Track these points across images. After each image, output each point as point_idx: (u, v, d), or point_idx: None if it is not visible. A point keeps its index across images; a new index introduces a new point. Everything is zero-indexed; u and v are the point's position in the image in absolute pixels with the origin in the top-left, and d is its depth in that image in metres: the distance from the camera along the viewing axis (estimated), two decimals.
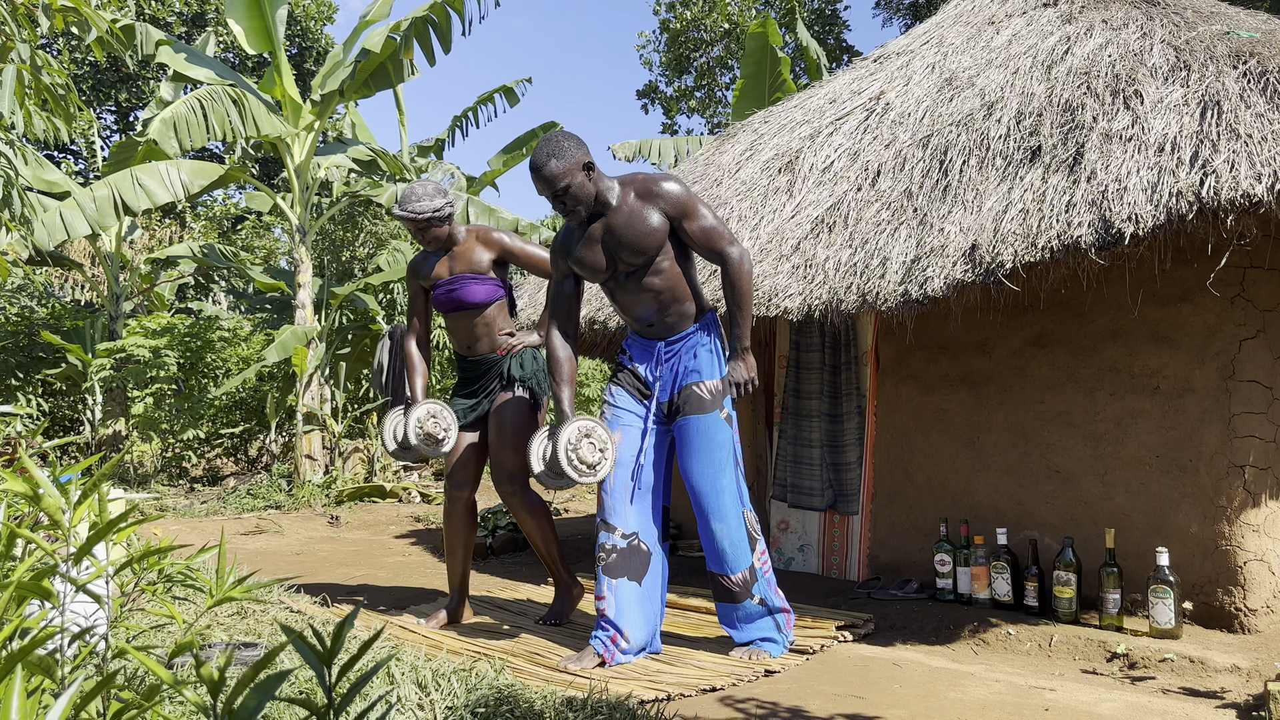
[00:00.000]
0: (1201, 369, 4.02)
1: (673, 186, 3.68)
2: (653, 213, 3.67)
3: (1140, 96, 4.02)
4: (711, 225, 3.71)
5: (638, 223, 3.67)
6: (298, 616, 4.38)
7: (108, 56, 17.97)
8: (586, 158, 3.62)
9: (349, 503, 9.05)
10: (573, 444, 3.69)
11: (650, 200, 3.67)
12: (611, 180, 3.75)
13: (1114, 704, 3.26)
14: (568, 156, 3.57)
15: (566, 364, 3.88)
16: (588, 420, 3.76)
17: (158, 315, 11.25)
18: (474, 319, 4.36)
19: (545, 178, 3.58)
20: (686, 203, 3.68)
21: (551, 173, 3.57)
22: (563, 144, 3.60)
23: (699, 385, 3.80)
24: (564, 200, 3.62)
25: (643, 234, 3.66)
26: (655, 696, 3.29)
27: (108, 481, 2.58)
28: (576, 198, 3.62)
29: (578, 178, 3.60)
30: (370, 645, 1.21)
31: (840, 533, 5.30)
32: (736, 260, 3.71)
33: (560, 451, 3.66)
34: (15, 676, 1.16)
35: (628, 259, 3.72)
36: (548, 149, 3.59)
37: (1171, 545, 4.00)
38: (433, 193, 4.24)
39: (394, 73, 9.71)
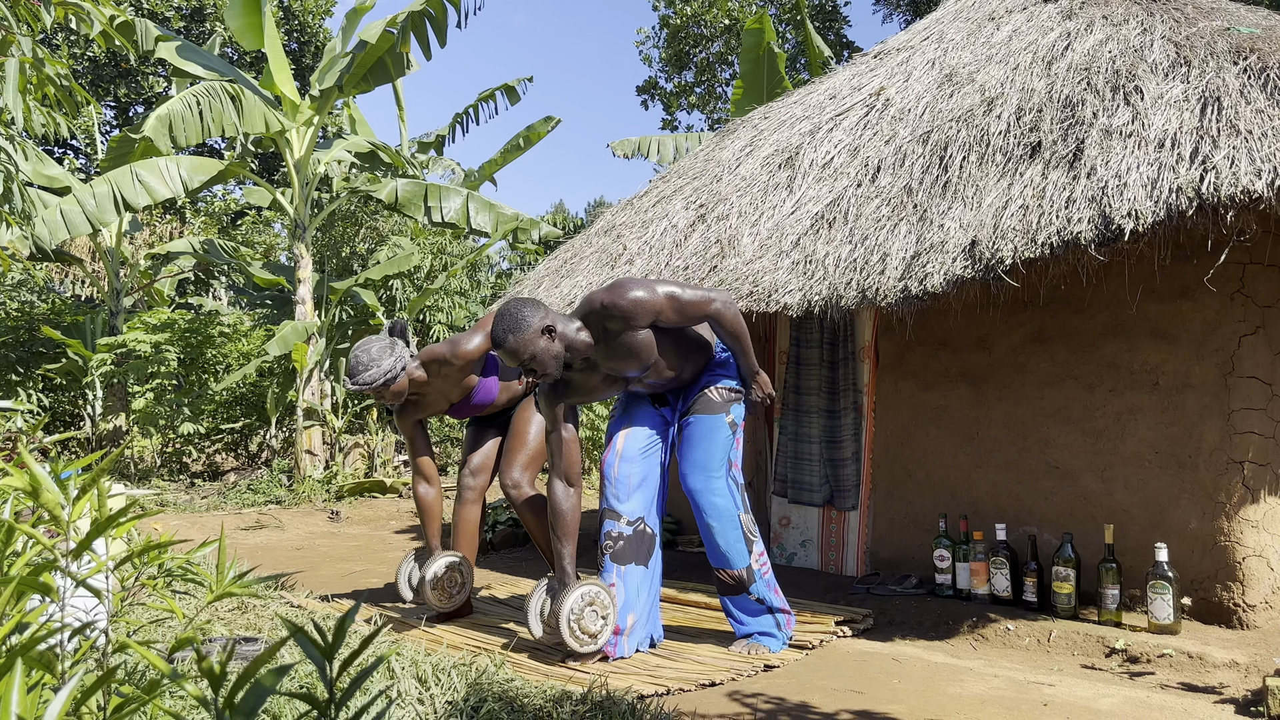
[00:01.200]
0: (1201, 365, 4.03)
1: (634, 298, 3.53)
2: (633, 334, 3.60)
3: (1140, 92, 4.01)
4: (685, 301, 3.61)
5: (625, 347, 3.62)
6: (298, 611, 4.38)
7: (107, 52, 17.96)
8: (544, 322, 3.50)
9: (349, 498, 9.06)
10: (576, 613, 3.65)
11: (625, 323, 3.57)
12: (575, 324, 3.62)
13: (1112, 699, 3.26)
14: (524, 328, 3.47)
15: (569, 516, 3.82)
16: (591, 585, 3.69)
17: (158, 310, 11.25)
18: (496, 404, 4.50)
19: (508, 352, 3.50)
20: (654, 304, 3.57)
21: (512, 348, 3.48)
22: (518, 316, 3.48)
23: (713, 389, 3.86)
24: (533, 368, 3.55)
25: (634, 352, 3.64)
26: (655, 691, 3.30)
27: (108, 477, 2.59)
28: (544, 363, 3.53)
29: (539, 344, 3.50)
30: (371, 640, 1.21)
31: (837, 528, 5.31)
32: (720, 313, 3.67)
33: (563, 621, 3.62)
34: (15, 671, 1.17)
35: (632, 371, 3.74)
36: (504, 325, 3.49)
37: (1170, 541, 4.00)
38: (377, 355, 4.06)
39: (392, 67, 9.70)
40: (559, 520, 3.80)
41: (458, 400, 4.39)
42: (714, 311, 3.66)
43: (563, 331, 3.57)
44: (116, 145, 9.86)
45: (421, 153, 13.54)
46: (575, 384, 3.78)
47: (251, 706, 1.09)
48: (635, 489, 3.85)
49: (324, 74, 10.28)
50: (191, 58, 9.77)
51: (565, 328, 3.58)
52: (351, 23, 10.34)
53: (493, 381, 4.39)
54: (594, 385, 3.78)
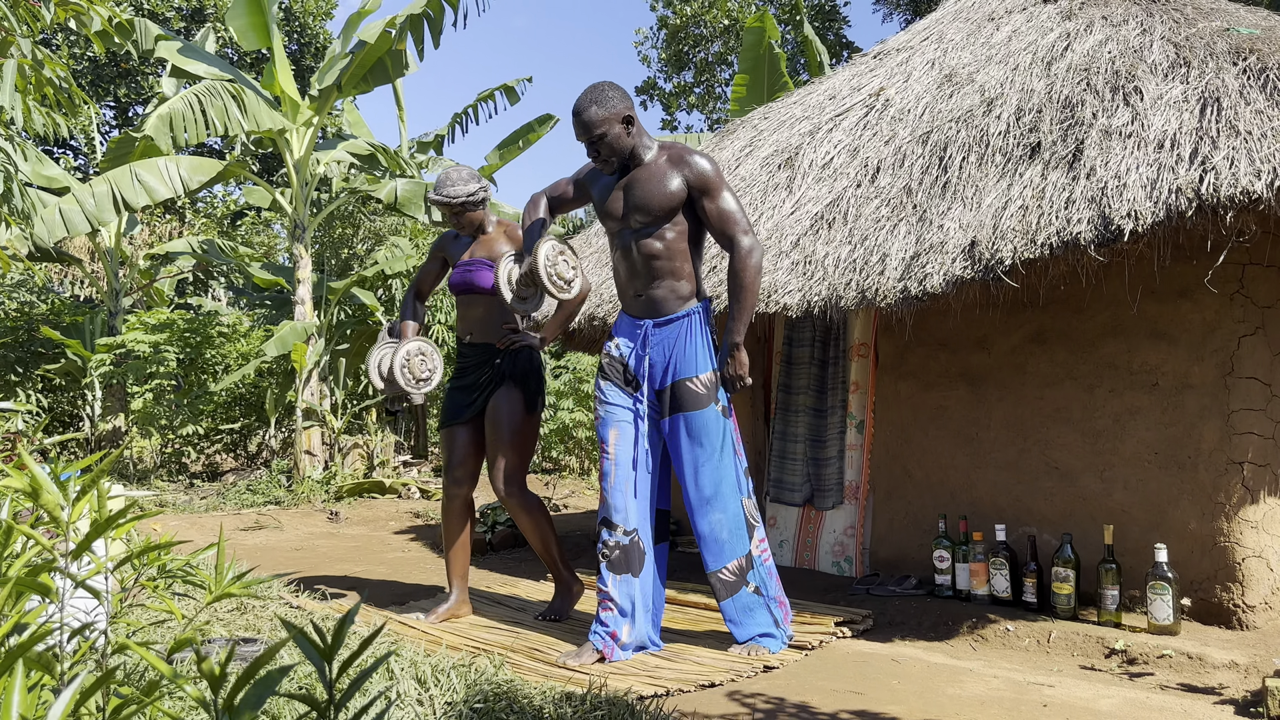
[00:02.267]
0: (1200, 365, 4.03)
1: (704, 161, 3.72)
2: (675, 177, 3.71)
3: (1140, 93, 4.01)
4: (730, 209, 3.72)
5: (658, 181, 3.72)
6: (297, 612, 4.38)
7: (107, 52, 17.95)
8: (629, 111, 3.68)
9: (348, 498, 9.06)
10: (550, 260, 3.87)
11: (679, 166, 3.72)
12: (652, 140, 3.82)
13: (1112, 700, 3.26)
14: (609, 106, 3.64)
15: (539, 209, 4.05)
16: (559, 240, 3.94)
17: (157, 311, 11.25)
18: (480, 305, 4.38)
19: (584, 123, 3.64)
20: (712, 179, 3.71)
21: (590, 119, 3.63)
22: (607, 93, 3.66)
23: (692, 381, 3.78)
24: (598, 148, 3.69)
25: (658, 193, 3.71)
26: (654, 692, 3.30)
27: (107, 477, 2.59)
28: (611, 147, 3.69)
29: (615, 129, 3.65)
30: (371, 641, 1.21)
31: (814, 527, 5.32)
32: (745, 249, 3.70)
33: (541, 267, 3.82)
34: (15, 672, 1.16)
35: (639, 216, 3.75)
36: (591, 95, 3.65)
37: (1170, 542, 4.00)
38: (467, 178, 4.35)
39: (391, 67, 9.71)
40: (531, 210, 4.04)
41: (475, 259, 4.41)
42: (742, 242, 3.72)
43: (636, 132, 3.74)
44: (116, 145, 9.85)
45: (421, 153, 13.54)
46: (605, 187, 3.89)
47: (251, 707, 1.09)
48: (632, 497, 3.83)
49: (324, 74, 10.28)
50: (192, 57, 9.77)
51: (641, 130, 3.77)
52: (352, 25, 10.34)
53: None
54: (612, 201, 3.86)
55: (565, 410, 10.69)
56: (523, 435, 4.32)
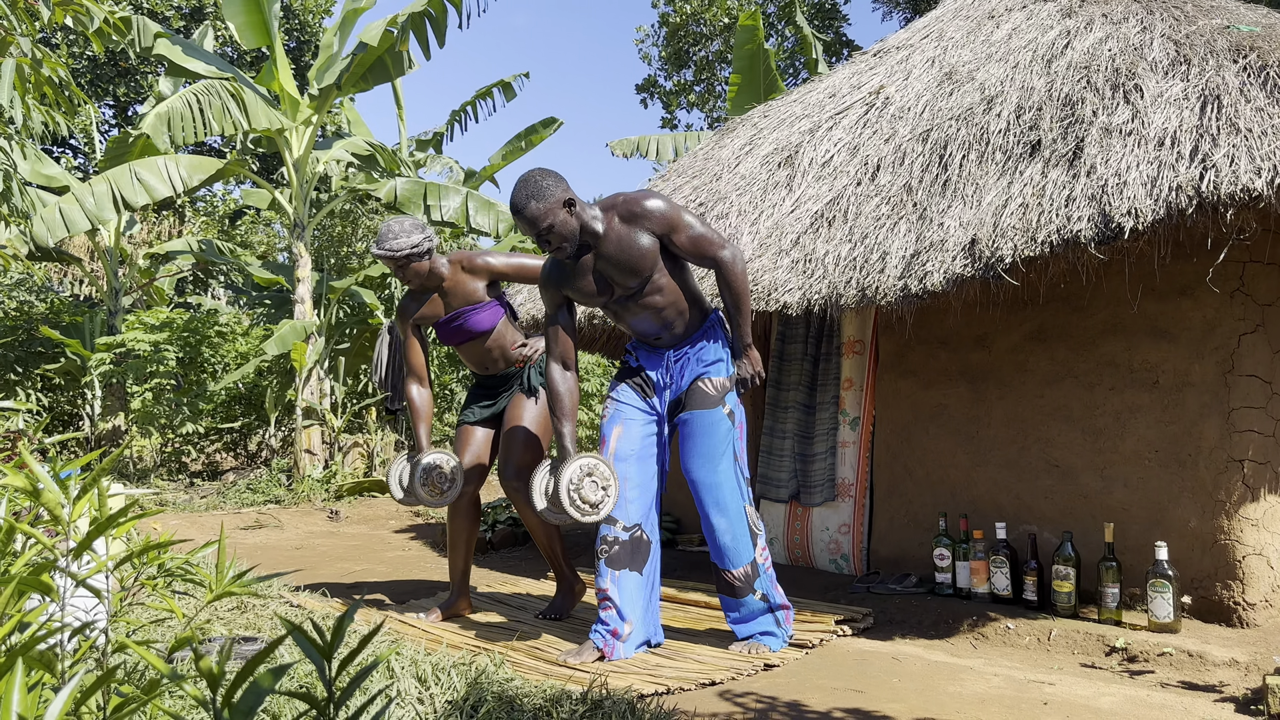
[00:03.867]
0: (1201, 364, 4.02)
1: (655, 204, 3.62)
2: (641, 234, 3.63)
3: (1140, 91, 4.01)
4: (700, 233, 3.66)
5: (628, 247, 3.63)
6: (298, 611, 4.38)
7: (106, 51, 17.94)
8: (567, 194, 3.54)
9: (348, 497, 9.06)
10: (575, 483, 3.67)
11: (636, 222, 3.62)
12: (594, 208, 3.67)
13: (1113, 698, 3.26)
14: (547, 196, 3.50)
15: (567, 398, 3.84)
16: (590, 457, 3.72)
17: (157, 310, 11.25)
18: (484, 343, 4.39)
19: (527, 219, 3.52)
20: (671, 217, 3.63)
21: (533, 214, 3.50)
22: (542, 184, 3.52)
23: (704, 381, 3.82)
24: (548, 239, 3.57)
25: (635, 257, 3.64)
26: (655, 690, 3.30)
27: (107, 476, 2.58)
28: (561, 235, 3.56)
29: (559, 215, 3.53)
30: (370, 639, 1.21)
31: (802, 524, 5.31)
32: (729, 262, 3.68)
33: (562, 491, 3.65)
34: (16, 671, 1.16)
35: (623, 282, 3.71)
36: (526, 190, 3.52)
37: (1170, 540, 4.00)
38: (410, 229, 4.16)
39: (392, 66, 9.70)
40: (557, 401, 3.83)
41: (458, 308, 4.32)
42: (722, 257, 3.68)
43: (580, 211, 3.61)
44: (115, 144, 9.85)
45: (420, 151, 13.54)
46: (572, 275, 3.76)
47: (250, 706, 1.09)
48: (633, 494, 3.83)
49: (322, 72, 10.27)
50: (191, 55, 9.77)
51: (583, 207, 3.63)
52: (349, 21, 10.33)
53: (494, 312, 4.33)
54: (586, 285, 3.75)
55: None
56: (535, 437, 4.37)
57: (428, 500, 4.33)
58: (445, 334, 4.39)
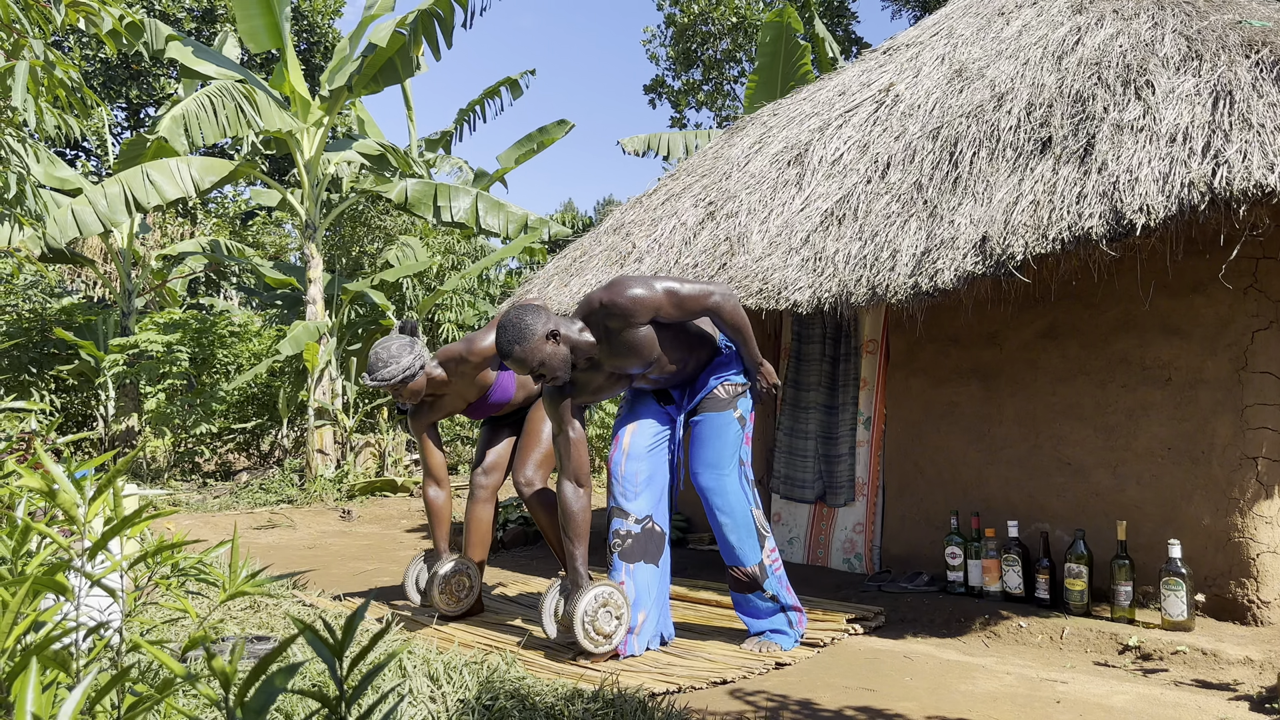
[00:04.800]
0: (1214, 360, 4.00)
1: (634, 295, 3.54)
2: (637, 328, 3.61)
3: (1152, 87, 3.99)
4: (683, 295, 3.62)
5: (627, 344, 3.63)
6: (310, 610, 4.40)
7: (118, 54, 18.03)
8: (548, 327, 3.51)
9: (360, 497, 9.09)
10: (589, 615, 3.66)
11: (626, 321, 3.58)
12: (577, 325, 3.63)
13: (1126, 696, 3.25)
14: (529, 337, 3.48)
15: (580, 517, 3.82)
16: (605, 586, 3.70)
17: (169, 311, 11.30)
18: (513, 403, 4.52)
19: (516, 362, 3.52)
20: (653, 300, 3.57)
21: (519, 357, 3.50)
22: (521, 324, 3.49)
23: (720, 386, 3.86)
24: (542, 374, 3.57)
25: (636, 349, 3.65)
26: (667, 689, 3.30)
27: (121, 477, 2.60)
28: (553, 367, 3.55)
29: (546, 350, 3.51)
30: (380, 637, 1.22)
31: (826, 524, 5.31)
32: (720, 306, 3.67)
33: (577, 623, 3.64)
34: (31, 670, 1.17)
35: (636, 368, 3.74)
36: (508, 335, 3.50)
37: (1184, 537, 3.98)
38: (397, 353, 4.11)
39: (402, 68, 9.72)
40: (570, 521, 3.80)
41: (474, 399, 4.40)
42: (713, 305, 3.66)
43: (566, 334, 3.58)
44: (129, 147, 9.90)
45: (430, 151, 13.56)
46: (580, 383, 3.78)
47: (262, 705, 1.09)
48: (643, 487, 3.85)
49: (333, 74, 10.30)
50: (202, 58, 9.81)
51: (568, 330, 3.59)
52: (363, 28, 10.37)
53: (509, 379, 4.40)
54: (599, 384, 3.79)
55: None
56: None
57: (443, 608, 4.32)
58: (475, 415, 4.49)
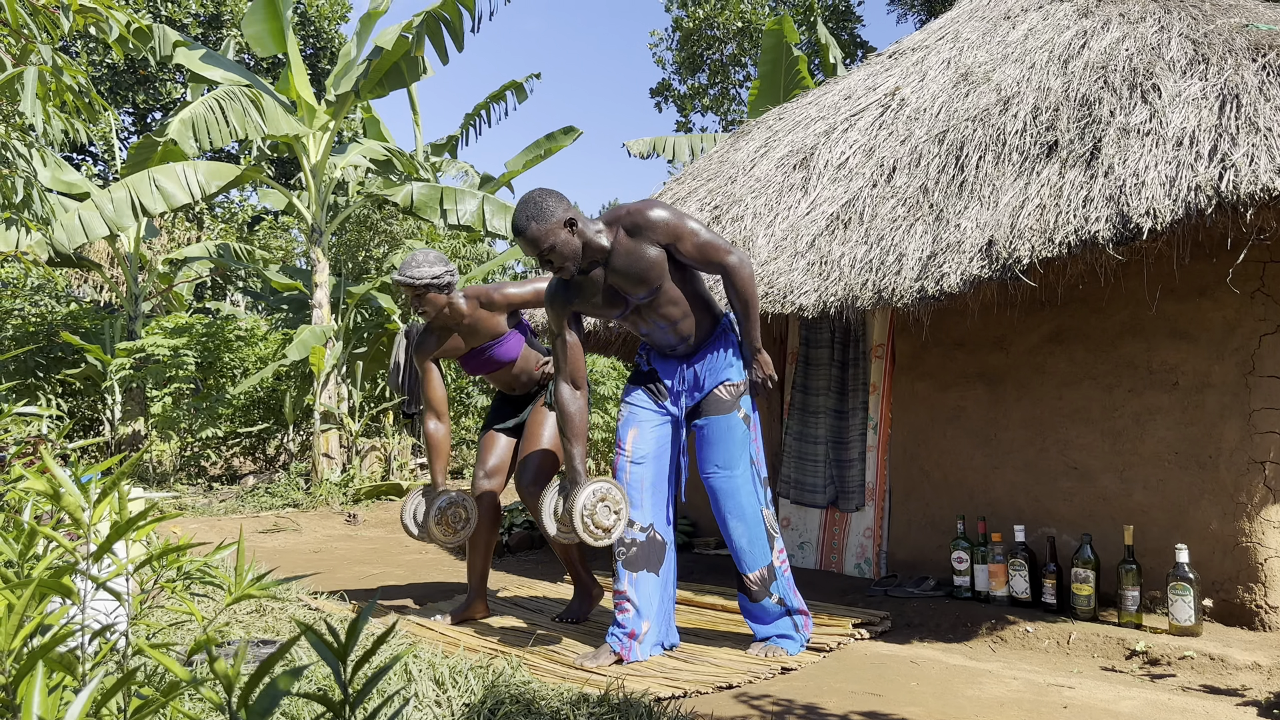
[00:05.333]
0: (1221, 364, 3.99)
1: (659, 214, 3.61)
2: (647, 247, 3.62)
3: (1158, 90, 3.99)
4: (706, 240, 3.65)
5: (636, 260, 3.63)
6: (316, 613, 4.40)
7: (125, 59, 18.09)
8: (568, 214, 3.53)
9: (366, 501, 9.09)
10: (588, 509, 3.67)
11: (642, 235, 3.61)
12: (597, 224, 3.66)
13: (1133, 701, 3.24)
14: (547, 217, 3.50)
15: (577, 418, 3.82)
16: (603, 482, 3.72)
17: (176, 315, 11.32)
18: (511, 370, 4.47)
19: (528, 240, 3.52)
20: (676, 226, 3.61)
21: (533, 235, 3.50)
22: (542, 205, 3.52)
23: (719, 388, 3.82)
24: (550, 259, 3.57)
25: (643, 269, 3.63)
26: (672, 694, 3.30)
27: (127, 480, 2.58)
28: (563, 255, 3.56)
29: (560, 235, 3.52)
30: (384, 641, 1.22)
31: (839, 530, 5.30)
32: (736, 267, 3.68)
33: (576, 517, 3.65)
34: (37, 673, 1.17)
35: (634, 293, 3.71)
36: (527, 211, 3.52)
37: (1191, 542, 3.97)
38: (433, 260, 4.22)
39: (408, 71, 9.74)
40: (567, 421, 3.81)
41: (479, 345, 4.38)
42: (729, 263, 3.67)
43: (582, 229, 3.60)
44: (136, 151, 9.93)
45: (436, 155, 13.59)
46: (583, 290, 3.75)
47: (266, 708, 1.09)
48: (647, 494, 3.84)
49: (339, 79, 10.33)
50: (209, 62, 9.84)
51: (585, 225, 3.61)
52: (366, 27, 10.39)
53: (517, 340, 4.39)
54: (598, 297, 3.75)
55: None
56: (556, 445, 4.39)
57: (441, 539, 4.37)
58: (470, 367, 4.46)
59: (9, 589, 1.36)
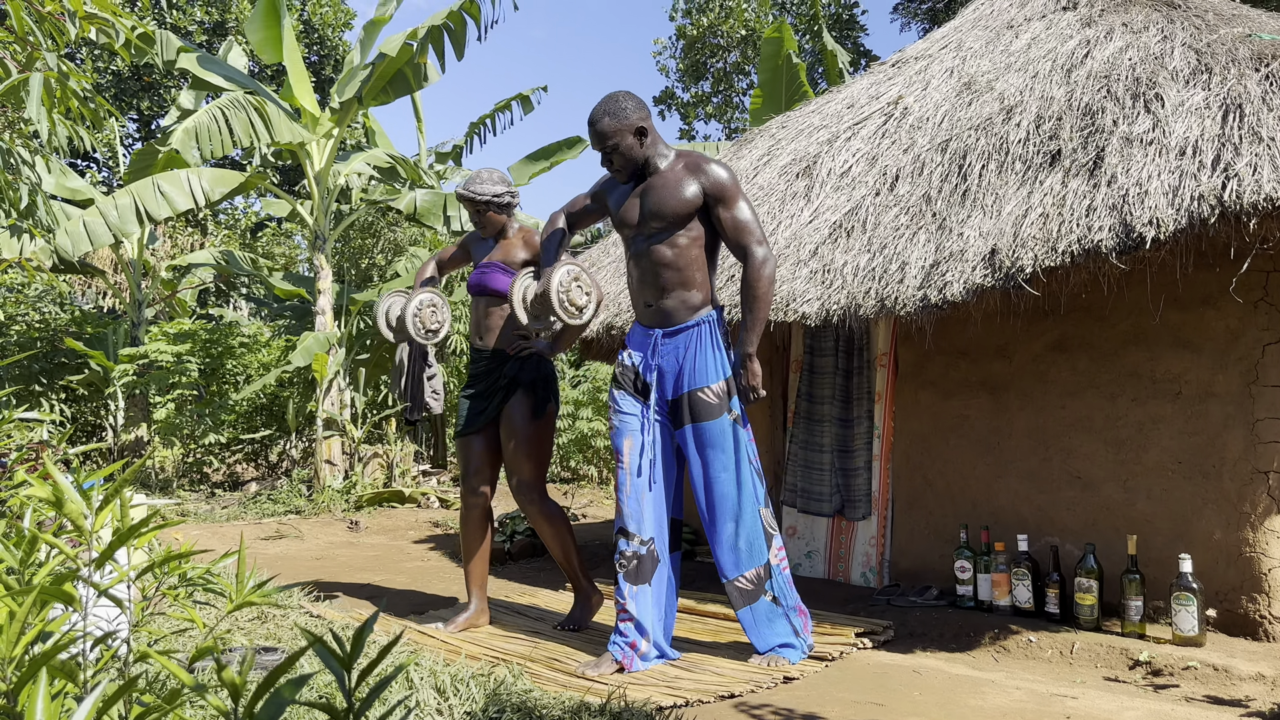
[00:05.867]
0: (1224, 374, 3.99)
1: (721, 170, 3.73)
2: (692, 184, 3.72)
3: (1161, 100, 3.99)
4: (745, 219, 3.72)
5: (674, 188, 3.73)
6: (317, 621, 4.39)
7: (130, 66, 18.16)
8: (642, 122, 3.71)
9: (368, 508, 9.09)
10: (564, 286, 3.84)
11: (695, 173, 3.73)
12: (670, 149, 3.84)
13: (1137, 712, 3.23)
14: (622, 117, 3.68)
15: (559, 238, 4.05)
16: (574, 264, 3.91)
17: (179, 321, 11.34)
18: (494, 307, 4.43)
19: (598, 133, 3.71)
20: (729, 188, 3.71)
21: (604, 129, 3.68)
22: (622, 103, 3.70)
23: (704, 391, 3.77)
24: (611, 157, 3.74)
25: (673, 198, 3.71)
26: (673, 702, 3.29)
27: (129, 487, 2.57)
28: (625, 157, 3.73)
29: (627, 139, 3.69)
30: (389, 650, 1.21)
31: (846, 538, 5.29)
32: (759, 260, 3.68)
33: (553, 293, 3.80)
34: (39, 681, 1.17)
35: (654, 222, 3.75)
36: (606, 106, 3.71)
37: (1194, 552, 3.96)
38: (497, 179, 4.42)
39: (412, 79, 9.76)
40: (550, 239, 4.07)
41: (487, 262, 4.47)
42: (755, 251, 3.71)
43: (651, 143, 3.76)
44: (139, 158, 9.95)
45: (440, 163, 13.61)
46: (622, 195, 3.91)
47: (270, 716, 1.09)
48: (648, 507, 3.83)
49: (343, 86, 10.35)
50: (213, 70, 9.86)
51: (655, 139, 3.78)
52: (370, 35, 10.41)
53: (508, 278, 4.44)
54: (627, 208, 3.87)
55: (584, 419, 10.69)
56: (536, 443, 4.34)
57: (417, 338, 4.47)
58: (472, 281, 4.52)
59: (11, 596, 1.36)
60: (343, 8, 21.19)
